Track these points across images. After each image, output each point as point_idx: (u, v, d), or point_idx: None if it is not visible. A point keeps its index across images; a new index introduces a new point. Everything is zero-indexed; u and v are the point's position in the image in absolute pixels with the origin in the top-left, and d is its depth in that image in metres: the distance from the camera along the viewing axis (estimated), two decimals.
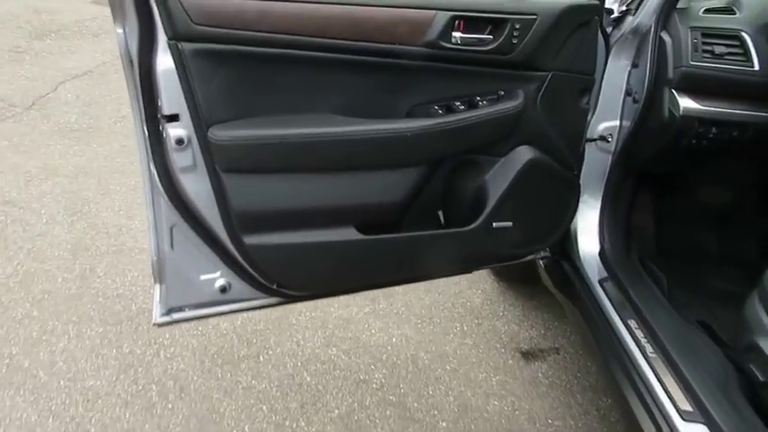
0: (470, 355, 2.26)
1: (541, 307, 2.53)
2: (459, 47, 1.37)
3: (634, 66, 1.67)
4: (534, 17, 1.40)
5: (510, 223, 1.56)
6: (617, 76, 1.69)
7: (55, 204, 2.92)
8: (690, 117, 1.59)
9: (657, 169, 1.89)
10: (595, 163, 1.75)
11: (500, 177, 1.53)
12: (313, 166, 1.38)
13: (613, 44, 1.66)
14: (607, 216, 1.82)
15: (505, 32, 1.38)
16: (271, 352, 2.21)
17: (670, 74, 1.59)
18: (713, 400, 1.32)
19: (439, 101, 1.45)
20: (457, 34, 1.36)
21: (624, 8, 1.70)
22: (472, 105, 1.45)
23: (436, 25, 1.33)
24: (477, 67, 1.42)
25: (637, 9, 1.65)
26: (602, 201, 1.81)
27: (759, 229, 2.06)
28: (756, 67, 1.58)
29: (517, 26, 1.39)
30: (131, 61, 1.24)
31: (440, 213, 1.60)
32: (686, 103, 1.60)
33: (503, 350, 2.29)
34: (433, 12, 1.34)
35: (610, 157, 1.76)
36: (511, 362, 2.24)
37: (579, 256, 1.81)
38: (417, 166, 1.46)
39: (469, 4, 1.38)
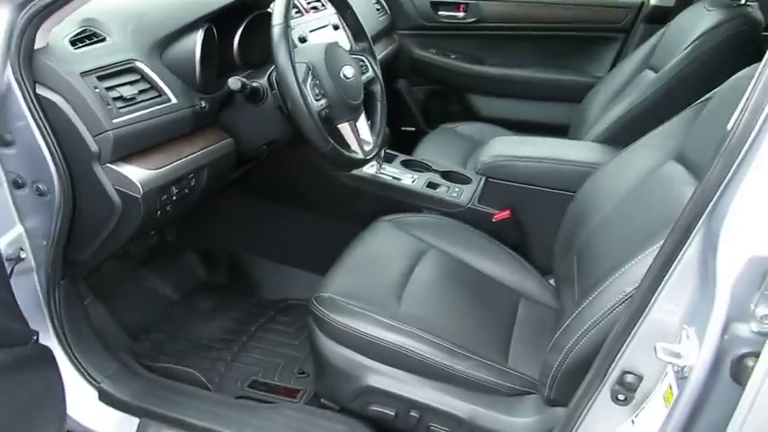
0: None
1: None
2: None
3: (5, 144, 1.11)
4: None
5: None
6: None
7: None
8: (152, 189, 1.18)
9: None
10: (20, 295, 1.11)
11: None
12: None
13: None
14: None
15: None
16: None
17: (92, 146, 1.10)
18: None
19: None
20: None
21: None
22: None
23: None
24: None
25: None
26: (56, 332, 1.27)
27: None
28: (174, 100, 1.23)
29: None
30: None
31: None
32: (136, 174, 1.15)
33: None
34: None
35: (35, 277, 1.21)
36: None
37: None
38: None
39: None
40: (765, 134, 0.67)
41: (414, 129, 2.61)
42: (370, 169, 1.73)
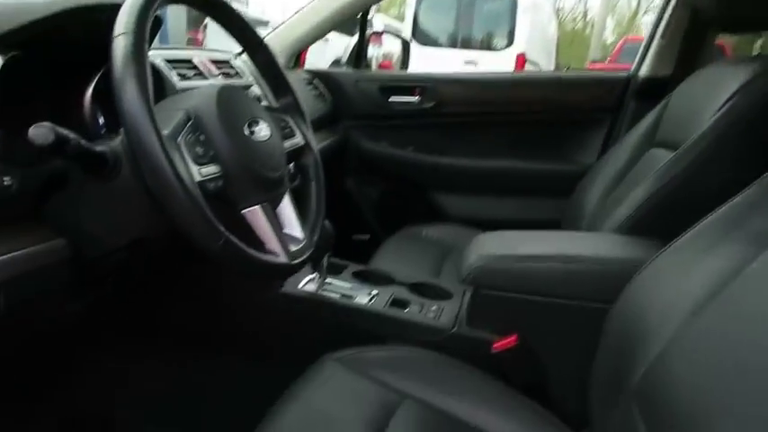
0: None
1: None
2: None
3: None
4: None
5: None
6: None
7: None
8: None
9: None
10: None
11: None
12: None
13: None
14: None
15: None
16: None
17: None
18: None
19: None
20: None
21: None
22: None
23: None
24: None
25: None
26: None
27: None
28: None
29: None
30: None
31: None
32: None
33: None
34: None
35: None
36: None
37: None
38: None
39: None
40: None
41: (368, 236, 2.16)
42: (309, 285, 1.22)
